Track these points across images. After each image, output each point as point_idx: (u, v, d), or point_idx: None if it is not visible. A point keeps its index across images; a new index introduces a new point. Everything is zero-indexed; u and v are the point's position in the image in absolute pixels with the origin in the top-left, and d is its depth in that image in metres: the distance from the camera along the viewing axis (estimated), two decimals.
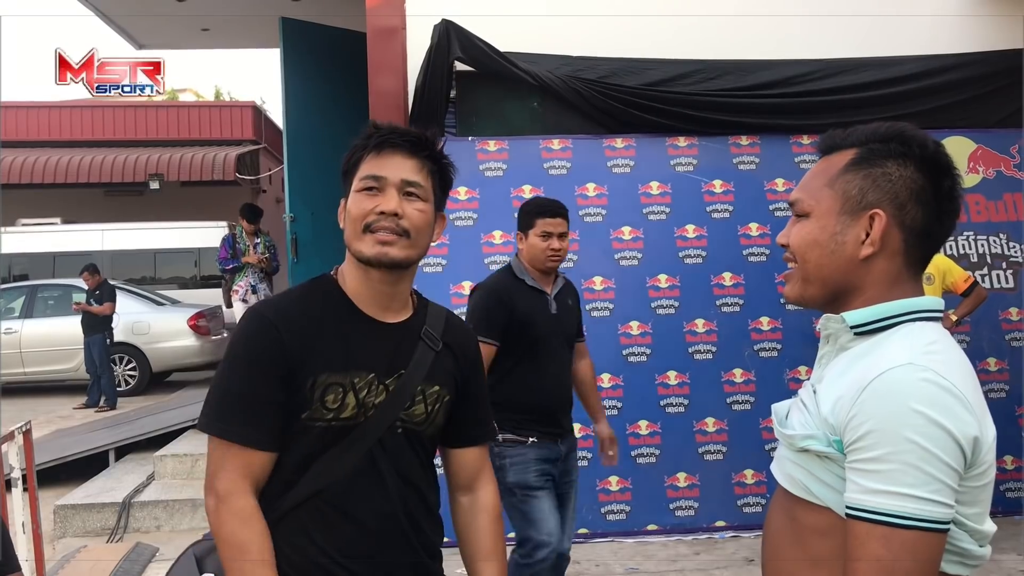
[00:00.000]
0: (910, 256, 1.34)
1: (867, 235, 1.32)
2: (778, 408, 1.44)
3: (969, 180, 5.71)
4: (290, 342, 1.62)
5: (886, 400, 1.18)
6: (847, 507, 1.21)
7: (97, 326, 10.88)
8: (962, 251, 5.67)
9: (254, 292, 8.19)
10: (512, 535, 3.43)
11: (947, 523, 1.17)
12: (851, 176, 1.35)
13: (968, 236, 5.69)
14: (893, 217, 1.32)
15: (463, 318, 2.03)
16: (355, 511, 1.66)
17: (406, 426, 1.73)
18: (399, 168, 1.69)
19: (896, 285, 1.34)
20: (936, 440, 1.15)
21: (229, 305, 8.86)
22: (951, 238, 5.63)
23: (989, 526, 1.27)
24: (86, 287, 11.06)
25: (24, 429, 4.43)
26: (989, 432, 1.23)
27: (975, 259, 5.67)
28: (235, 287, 8.35)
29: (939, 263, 5.08)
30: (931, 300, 1.34)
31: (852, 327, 1.33)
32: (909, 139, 1.34)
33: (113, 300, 10.97)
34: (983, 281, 5.51)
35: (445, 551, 1.85)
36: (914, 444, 1.15)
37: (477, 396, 1.90)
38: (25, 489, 4.40)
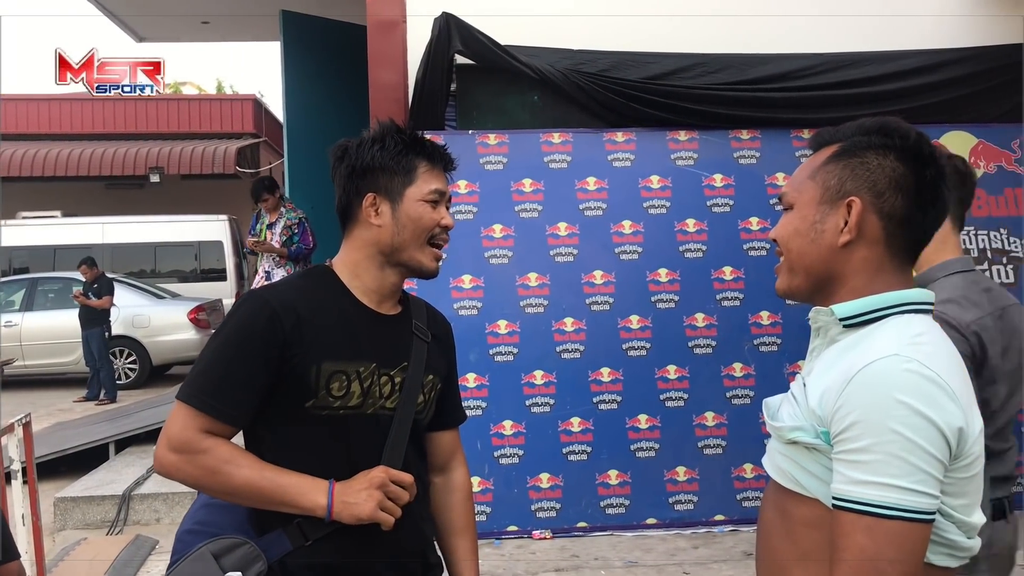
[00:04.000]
0: (892, 245, 1.34)
1: (846, 223, 1.34)
2: (770, 402, 1.45)
3: None
4: (290, 329, 1.65)
5: (871, 391, 1.19)
6: (833, 498, 1.22)
7: (95, 320, 10.88)
8: (963, 246, 5.65)
9: (268, 279, 7.14)
10: None
11: (931, 513, 1.17)
12: (831, 167, 1.38)
13: (969, 231, 5.68)
14: (871, 204, 1.33)
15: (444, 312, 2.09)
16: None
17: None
18: (446, 183, 1.82)
19: (880, 274, 1.34)
20: (920, 430, 1.16)
21: None
22: None
23: (978, 518, 1.27)
24: (84, 280, 11.07)
25: (24, 421, 4.43)
26: (975, 423, 1.23)
27: (976, 254, 5.66)
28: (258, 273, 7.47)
29: None
30: (921, 292, 1.35)
31: (841, 319, 1.34)
32: (891, 131, 1.36)
33: (111, 294, 10.98)
34: None
35: None
36: (898, 435, 1.16)
37: (454, 382, 2.00)
38: (25, 481, 4.41)
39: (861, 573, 1.17)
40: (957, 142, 5.67)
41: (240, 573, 1.62)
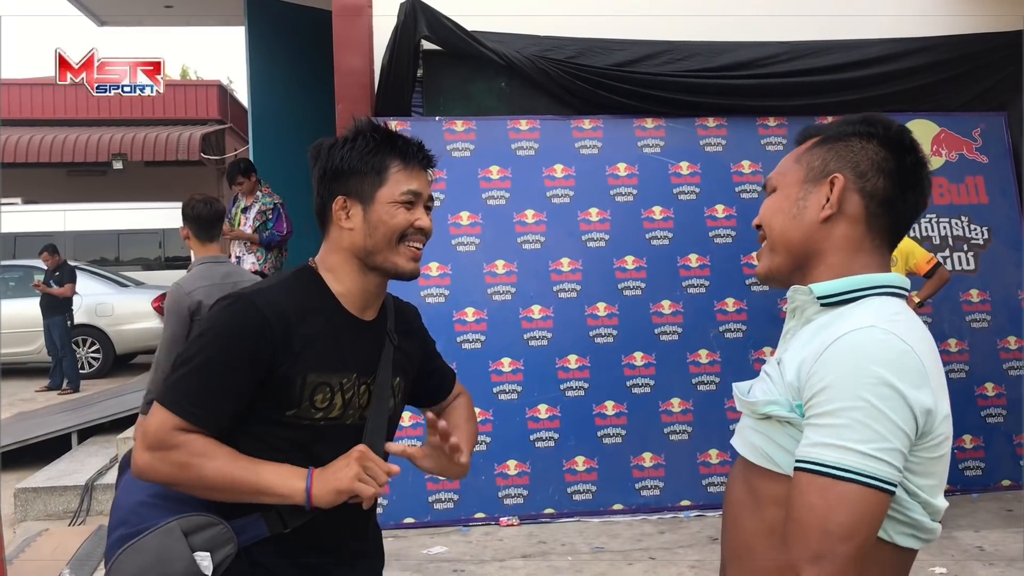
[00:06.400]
0: (873, 224, 1.36)
1: (828, 199, 1.37)
2: (740, 385, 1.46)
3: (932, 163, 5.77)
4: (280, 338, 1.60)
5: (846, 358, 1.21)
6: (795, 460, 1.23)
7: (57, 308, 10.72)
8: (924, 233, 5.73)
9: (238, 265, 6.72)
10: None
11: (890, 483, 1.18)
12: (816, 151, 1.42)
13: (931, 218, 5.75)
14: (853, 182, 1.36)
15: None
16: (348, 510, 1.67)
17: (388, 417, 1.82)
18: (424, 183, 1.75)
19: (859, 253, 1.36)
20: (888, 400, 1.17)
21: None
22: None
23: (942, 502, 1.28)
24: (45, 268, 10.90)
25: None
26: (943, 405, 1.25)
27: (937, 241, 5.74)
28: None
29: (901, 245, 5.12)
30: (897, 277, 1.37)
31: (819, 298, 1.35)
32: (874, 121, 1.40)
33: (73, 281, 10.81)
34: (945, 263, 5.57)
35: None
36: (866, 402, 1.17)
37: (433, 360, 2.02)
38: None
39: (807, 531, 1.17)
40: (920, 130, 5.74)
41: (208, 554, 1.57)
